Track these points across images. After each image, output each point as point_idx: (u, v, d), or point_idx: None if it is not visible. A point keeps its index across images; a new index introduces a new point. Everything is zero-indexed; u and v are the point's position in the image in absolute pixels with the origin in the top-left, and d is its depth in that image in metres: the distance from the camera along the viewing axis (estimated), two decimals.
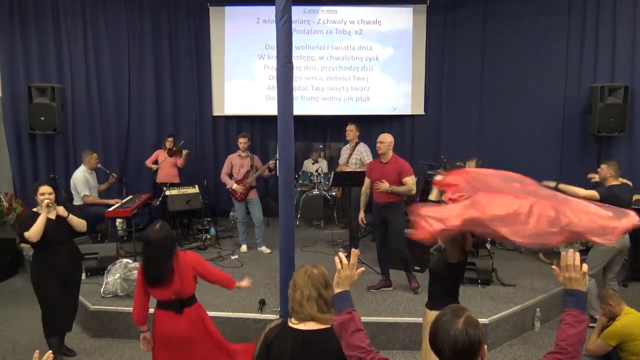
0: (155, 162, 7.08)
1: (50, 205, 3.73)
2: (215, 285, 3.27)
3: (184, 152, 6.98)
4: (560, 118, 6.95)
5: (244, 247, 6.35)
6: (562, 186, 4.50)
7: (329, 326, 1.98)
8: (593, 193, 4.50)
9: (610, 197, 4.44)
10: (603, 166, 4.70)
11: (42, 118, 6.30)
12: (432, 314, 3.00)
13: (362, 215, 5.06)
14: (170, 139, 7.03)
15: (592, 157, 6.55)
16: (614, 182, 4.60)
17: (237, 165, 6.26)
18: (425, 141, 7.88)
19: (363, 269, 1.95)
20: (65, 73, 6.85)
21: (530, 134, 7.05)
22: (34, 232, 3.65)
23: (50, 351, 1.88)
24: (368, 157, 6.16)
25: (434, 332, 1.54)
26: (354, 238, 6.08)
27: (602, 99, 6.24)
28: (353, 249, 2.02)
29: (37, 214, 3.72)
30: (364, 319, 4.30)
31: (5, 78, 6.49)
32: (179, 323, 3.03)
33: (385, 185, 4.75)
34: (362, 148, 6.22)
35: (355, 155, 6.20)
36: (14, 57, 6.53)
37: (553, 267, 1.96)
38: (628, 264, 5.81)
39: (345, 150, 6.48)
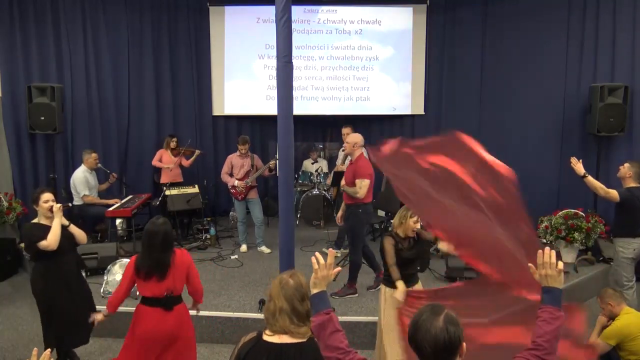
0: (160, 160, 7.07)
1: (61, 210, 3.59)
2: (187, 292, 3.29)
3: (197, 152, 7.00)
4: (560, 118, 6.94)
5: (244, 247, 6.36)
6: (588, 179, 4.42)
7: (304, 340, 1.89)
8: (614, 193, 4.38)
9: (629, 200, 4.37)
10: (626, 165, 4.56)
11: (42, 118, 6.30)
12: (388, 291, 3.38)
13: (340, 214, 5.15)
14: (175, 140, 7.02)
15: (592, 157, 6.54)
16: (633, 184, 4.47)
17: (238, 166, 6.27)
18: None
19: (340, 269, 1.92)
20: (65, 73, 6.85)
21: (530, 133, 7.05)
22: (54, 239, 3.44)
23: (49, 349, 1.86)
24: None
25: (414, 331, 1.54)
26: (342, 238, 6.10)
27: (602, 99, 6.24)
28: (330, 249, 1.98)
29: (43, 225, 3.54)
30: (364, 319, 4.31)
31: (5, 78, 6.48)
32: (167, 321, 3.03)
33: (342, 183, 4.93)
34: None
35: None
36: (14, 57, 6.52)
37: (529, 264, 1.97)
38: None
39: (342, 152, 6.49)
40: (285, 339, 1.88)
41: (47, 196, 3.58)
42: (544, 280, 1.89)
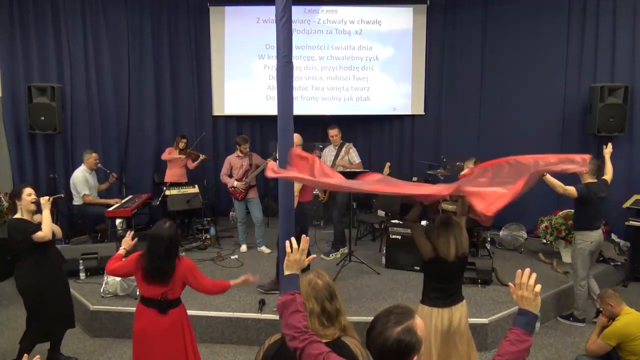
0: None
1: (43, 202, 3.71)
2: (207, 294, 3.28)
3: (202, 157, 7.00)
4: (560, 118, 6.94)
5: (243, 247, 6.36)
6: (547, 178, 4.50)
7: (330, 340, 1.89)
8: (571, 190, 4.54)
9: (587, 196, 4.53)
10: None
11: (42, 118, 6.30)
12: (422, 309, 3.12)
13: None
14: (184, 140, 7.01)
15: (592, 157, 6.53)
16: (590, 180, 4.63)
17: (237, 166, 6.29)
18: (425, 141, 7.88)
19: (314, 255, 2.05)
20: (65, 73, 6.85)
21: (530, 133, 7.04)
22: (48, 229, 3.60)
23: (38, 356, 1.89)
24: (357, 158, 6.15)
25: (371, 327, 1.61)
26: (338, 241, 6.09)
27: (602, 99, 6.24)
28: (303, 236, 2.04)
29: (26, 220, 3.64)
30: (364, 318, 4.31)
31: (5, 78, 6.48)
32: (159, 323, 3.02)
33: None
34: (350, 148, 6.17)
35: (343, 156, 6.15)
36: (14, 57, 6.52)
37: (509, 284, 1.94)
38: (628, 264, 5.82)
39: (327, 152, 6.40)
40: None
41: (29, 190, 3.68)
42: (519, 302, 1.86)
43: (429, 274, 3.19)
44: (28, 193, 3.66)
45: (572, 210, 5.84)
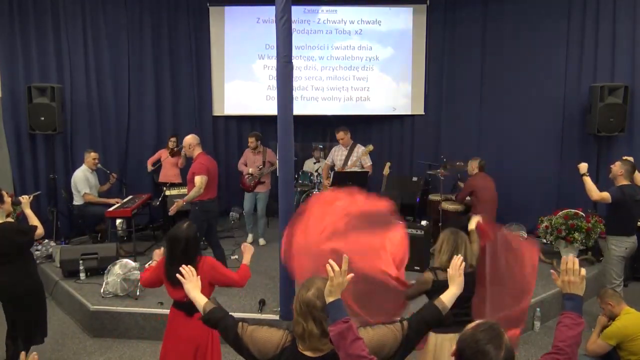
0: (157, 161, 7.09)
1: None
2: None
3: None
4: (560, 118, 6.94)
5: (250, 237, 6.74)
6: (586, 179, 4.46)
7: (328, 352, 1.86)
8: (606, 195, 4.42)
9: (622, 199, 4.41)
10: (617, 163, 4.59)
11: (42, 118, 6.30)
12: (435, 337, 2.89)
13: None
14: (174, 139, 7.03)
15: (592, 157, 6.54)
16: (625, 182, 4.50)
17: (251, 161, 6.64)
18: (425, 141, 7.88)
19: (352, 274, 1.84)
20: (65, 73, 6.84)
21: (530, 133, 7.04)
22: (40, 225, 3.72)
23: (35, 352, 1.90)
24: (368, 160, 6.17)
25: (471, 356, 1.50)
26: None
27: (602, 99, 6.24)
28: (344, 255, 1.88)
29: (16, 222, 3.80)
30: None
31: (5, 78, 6.48)
32: (187, 326, 3.00)
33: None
34: (361, 149, 6.21)
35: (353, 157, 6.16)
36: (14, 57, 6.52)
37: (552, 271, 1.99)
38: (628, 263, 5.81)
39: (337, 152, 6.41)
40: (317, 353, 1.86)
41: (6, 193, 3.68)
42: (566, 287, 1.89)
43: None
44: (6, 195, 3.65)
45: (572, 210, 5.86)
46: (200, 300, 2.19)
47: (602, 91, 6.23)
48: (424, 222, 5.77)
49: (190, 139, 5.17)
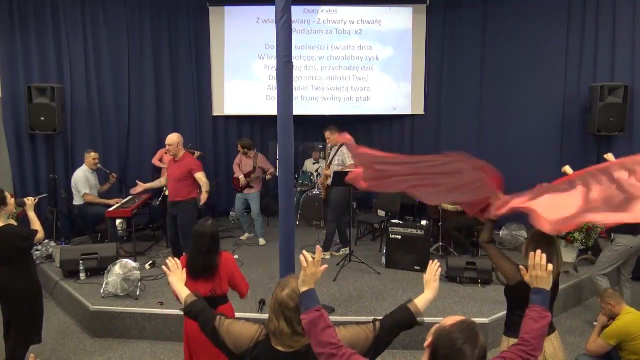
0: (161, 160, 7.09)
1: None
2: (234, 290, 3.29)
3: (197, 153, 7.01)
4: (560, 118, 6.94)
5: (245, 236, 6.88)
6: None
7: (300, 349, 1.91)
8: None
9: None
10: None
11: (42, 118, 6.30)
12: (508, 341, 2.83)
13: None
14: None
15: (592, 156, 6.54)
16: None
17: (244, 163, 6.76)
18: (425, 141, 7.88)
19: (326, 266, 1.91)
20: (65, 73, 6.84)
21: (530, 133, 7.05)
22: (42, 229, 3.68)
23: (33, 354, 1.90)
24: (350, 159, 5.99)
25: (447, 354, 1.51)
26: (329, 241, 6.08)
27: (602, 99, 6.23)
28: (318, 246, 1.98)
29: (18, 226, 3.76)
30: (363, 318, 4.30)
31: (5, 78, 6.48)
32: None
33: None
34: (346, 149, 6.03)
35: (338, 157, 6.11)
36: (14, 57, 6.52)
37: (521, 266, 2.07)
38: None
39: (329, 151, 6.39)
40: (289, 349, 1.92)
41: (9, 195, 3.67)
42: (534, 282, 1.99)
43: (516, 302, 2.77)
44: (10, 197, 3.64)
45: None
46: (182, 292, 2.24)
47: (602, 91, 6.23)
48: (424, 222, 5.77)
49: (177, 137, 5.31)
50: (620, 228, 4.67)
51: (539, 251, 1.99)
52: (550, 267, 1.96)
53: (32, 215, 3.72)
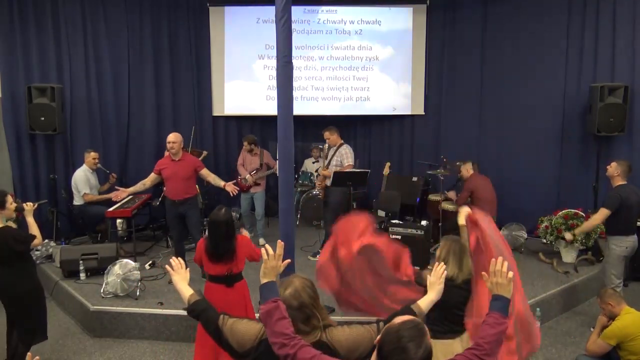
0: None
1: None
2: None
3: (204, 153, 7.03)
4: (560, 118, 6.93)
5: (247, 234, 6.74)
6: (578, 231, 4.98)
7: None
8: (604, 211, 4.51)
9: (620, 203, 4.44)
10: (613, 164, 4.62)
11: (42, 118, 6.30)
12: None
13: None
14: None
15: (592, 156, 6.55)
16: (621, 182, 4.54)
17: (248, 161, 6.69)
18: (425, 141, 7.89)
19: (289, 260, 2.03)
20: (65, 73, 6.84)
21: (530, 133, 7.04)
22: (39, 234, 3.69)
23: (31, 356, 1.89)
24: (347, 160, 5.99)
25: (394, 349, 1.52)
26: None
27: (602, 99, 6.23)
28: (279, 241, 2.05)
29: (16, 229, 3.81)
30: (361, 318, 4.31)
31: (5, 78, 6.47)
32: (228, 295, 3.42)
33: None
34: (344, 150, 6.07)
35: (337, 158, 6.09)
36: (14, 57, 6.51)
37: (482, 272, 2.09)
38: (628, 263, 5.81)
39: (328, 151, 6.38)
40: None
41: (10, 198, 3.69)
42: (494, 288, 2.02)
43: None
44: (11, 202, 3.65)
45: (573, 210, 5.86)
46: (185, 292, 2.26)
47: (602, 91, 6.23)
48: (424, 222, 5.76)
49: (179, 136, 5.37)
50: (611, 229, 4.70)
51: (500, 258, 2.01)
52: (511, 274, 1.97)
53: (30, 220, 3.72)
